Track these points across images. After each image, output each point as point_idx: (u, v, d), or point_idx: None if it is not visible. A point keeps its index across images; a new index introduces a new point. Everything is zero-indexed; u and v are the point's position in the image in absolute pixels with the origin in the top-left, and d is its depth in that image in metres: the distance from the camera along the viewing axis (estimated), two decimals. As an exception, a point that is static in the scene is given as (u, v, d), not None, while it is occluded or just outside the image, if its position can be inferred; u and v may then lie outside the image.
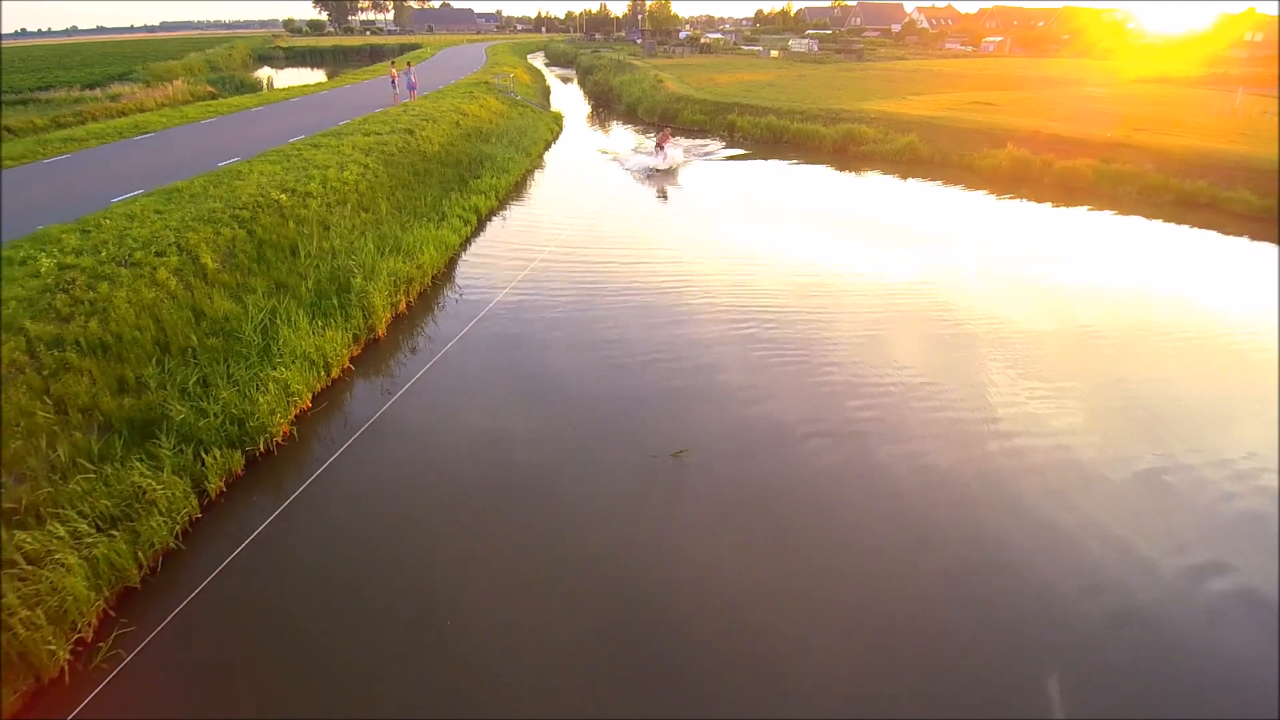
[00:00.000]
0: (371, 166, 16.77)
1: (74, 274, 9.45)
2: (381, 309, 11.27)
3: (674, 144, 26.46)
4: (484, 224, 17.77)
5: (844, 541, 7.12)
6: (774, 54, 67.06)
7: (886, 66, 56.98)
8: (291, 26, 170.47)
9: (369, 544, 7.09)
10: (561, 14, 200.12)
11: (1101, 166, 22.11)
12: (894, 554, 6.92)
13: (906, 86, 40.26)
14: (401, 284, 12.22)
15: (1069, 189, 21.65)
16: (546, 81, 54.63)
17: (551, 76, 62.22)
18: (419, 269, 12.93)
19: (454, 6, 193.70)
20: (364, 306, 10.95)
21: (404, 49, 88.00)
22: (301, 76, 61.90)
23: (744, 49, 79.41)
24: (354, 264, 11.80)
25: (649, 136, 29.56)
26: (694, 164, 25.60)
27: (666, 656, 5.83)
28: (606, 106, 42.91)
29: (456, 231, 15.65)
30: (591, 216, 18.83)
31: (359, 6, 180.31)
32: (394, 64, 35.72)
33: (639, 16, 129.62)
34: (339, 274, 11.51)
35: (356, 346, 10.68)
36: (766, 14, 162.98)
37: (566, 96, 48.83)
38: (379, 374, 10.42)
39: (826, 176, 24.45)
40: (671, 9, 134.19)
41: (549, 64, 78.72)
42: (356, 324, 10.69)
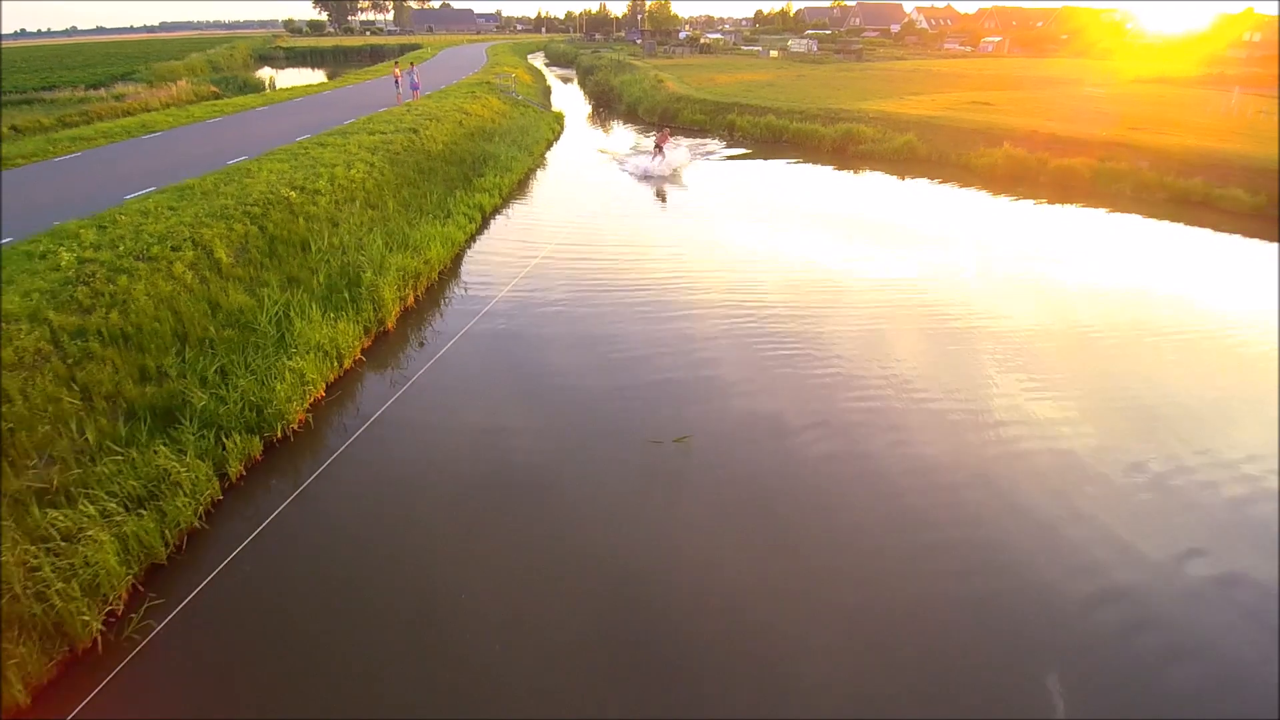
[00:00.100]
0: (378, 165, 17.04)
1: (94, 267, 9.73)
2: (391, 302, 11.56)
3: (674, 144, 26.59)
4: (488, 221, 18.05)
5: (844, 541, 7.15)
6: (773, 54, 67.40)
7: (885, 67, 57.27)
8: (292, 27, 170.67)
9: (369, 543, 7.09)
10: (561, 14, 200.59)
11: (1097, 165, 22.40)
12: (894, 554, 6.94)
13: (905, 86, 40.54)
14: (409, 279, 12.51)
15: (1065, 187, 21.93)
16: (547, 81, 54.94)
17: (552, 77, 62.51)
18: (426, 264, 13.22)
19: (454, 7, 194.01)
20: (374, 300, 11.23)
21: (404, 49, 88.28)
22: (302, 77, 62.10)
23: (743, 49, 79.77)
24: (363, 259, 12.09)
25: (648, 136, 29.68)
26: (694, 164, 25.80)
27: (666, 656, 5.84)
28: (607, 106, 43.17)
29: (462, 229, 15.93)
30: (593, 215, 19.10)
31: (359, 7, 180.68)
32: (397, 64, 35.96)
33: (639, 17, 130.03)
34: (349, 269, 11.80)
35: (367, 339, 10.97)
36: (766, 14, 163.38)
37: (567, 96, 49.10)
38: (388, 366, 10.69)
39: (825, 175, 24.73)
40: (671, 9, 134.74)
41: (549, 64, 79.03)
42: (367, 317, 10.98)
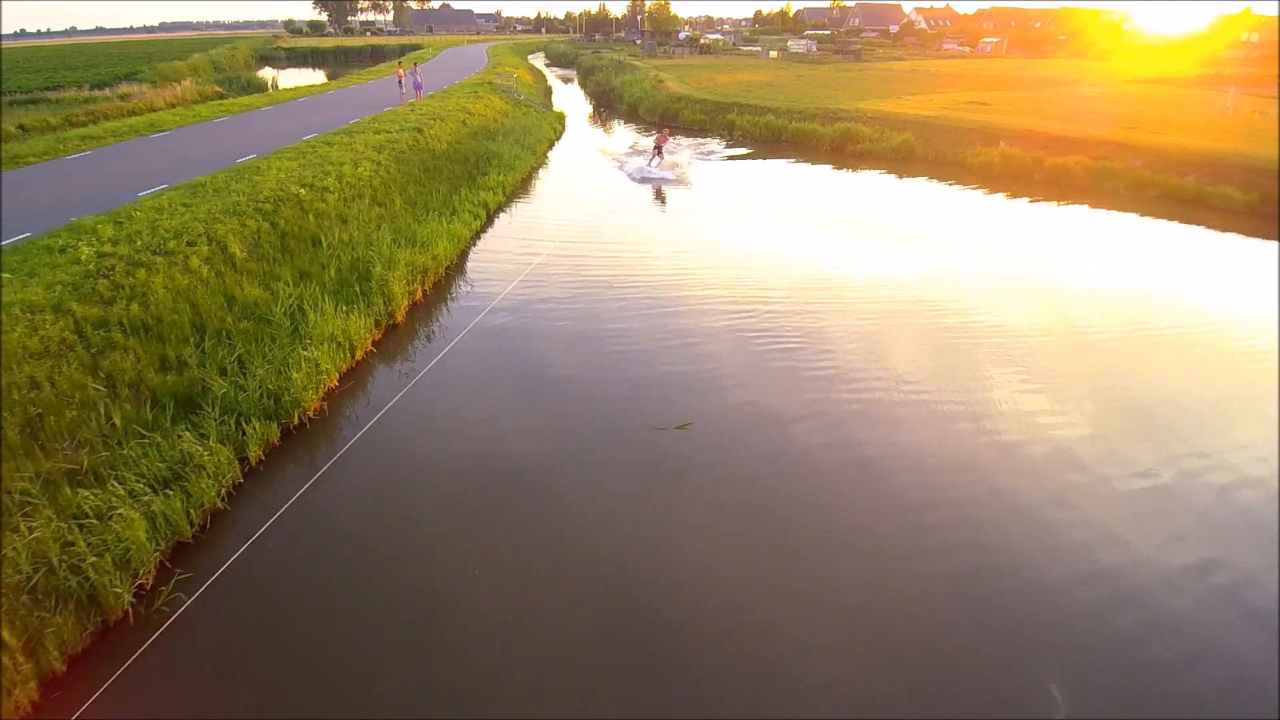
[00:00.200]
0: (384, 163, 17.33)
1: (113, 261, 10.03)
2: (400, 296, 11.85)
3: (674, 144, 26.82)
4: (492, 218, 18.34)
5: (844, 541, 7.16)
6: (773, 54, 67.74)
7: (884, 67, 57.61)
8: (292, 27, 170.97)
9: (369, 542, 7.11)
10: (561, 15, 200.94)
11: (1091, 163, 22.72)
12: (893, 554, 6.96)
13: (903, 87, 40.86)
14: (418, 274, 12.79)
15: (1060, 185, 22.24)
16: (548, 82, 55.24)
17: (553, 77, 62.82)
18: (434, 260, 13.51)
19: (454, 7, 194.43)
20: (384, 294, 11.52)
21: (404, 50, 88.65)
22: (304, 77, 62.41)
23: (743, 49, 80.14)
24: (373, 254, 12.38)
25: (648, 135, 29.90)
26: (694, 164, 26.01)
27: (666, 656, 5.85)
28: (608, 106, 43.48)
29: (467, 225, 16.22)
30: (595, 213, 19.38)
31: (359, 7, 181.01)
32: (400, 64, 36.28)
33: (638, 17, 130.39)
34: (359, 264, 12.09)
35: (378, 331, 11.26)
36: (765, 15, 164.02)
37: (568, 96, 49.41)
38: (397, 359, 10.97)
39: (824, 174, 25.04)
40: (671, 10, 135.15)
41: (549, 64, 79.35)
42: (378, 310, 11.27)
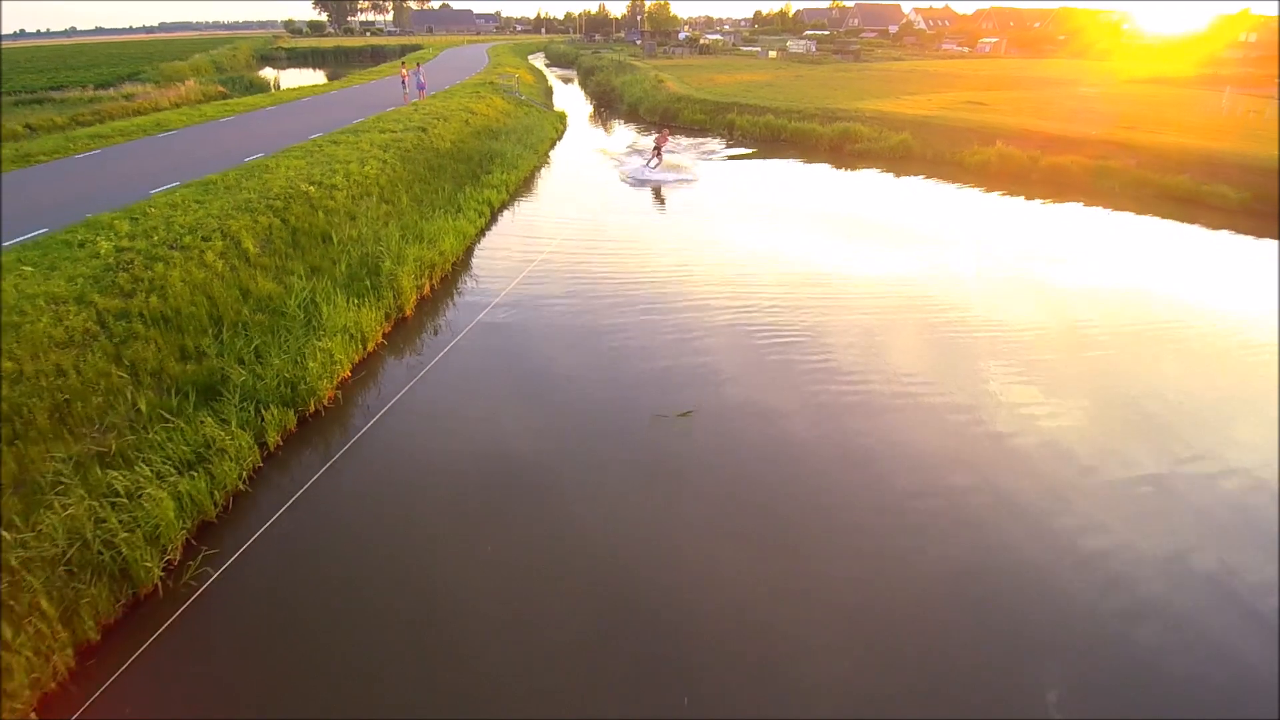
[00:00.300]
0: (390, 162, 17.63)
1: (131, 255, 10.34)
2: (409, 291, 12.16)
3: (674, 144, 27.04)
4: (496, 216, 18.63)
5: (844, 541, 7.17)
6: (772, 55, 68.05)
7: (883, 67, 57.94)
8: (292, 28, 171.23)
9: (370, 542, 7.15)
10: (560, 15, 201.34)
11: (1087, 162, 23.02)
12: (893, 554, 6.99)
13: (902, 87, 41.17)
14: (425, 269, 13.09)
15: (1055, 184, 22.52)
16: (549, 82, 55.56)
17: (553, 77, 63.11)
18: (441, 255, 13.81)
19: (453, 7, 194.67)
20: (394, 288, 11.82)
21: (405, 50, 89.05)
22: (305, 77, 62.68)
23: (743, 50, 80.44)
24: (382, 250, 12.67)
25: (648, 135, 30.15)
26: (695, 165, 26.19)
27: (666, 656, 5.86)
28: (609, 106, 43.77)
29: (472, 222, 16.53)
30: (596, 211, 19.67)
31: (358, 7, 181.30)
32: (404, 64, 36.58)
33: (638, 17, 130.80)
34: (368, 259, 12.39)
35: (388, 324, 11.56)
36: (765, 15, 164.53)
37: (569, 97, 49.71)
38: (406, 352, 11.24)
39: (822, 173, 25.35)
40: (670, 10, 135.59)
41: (549, 65, 79.64)
42: (388, 303, 11.57)
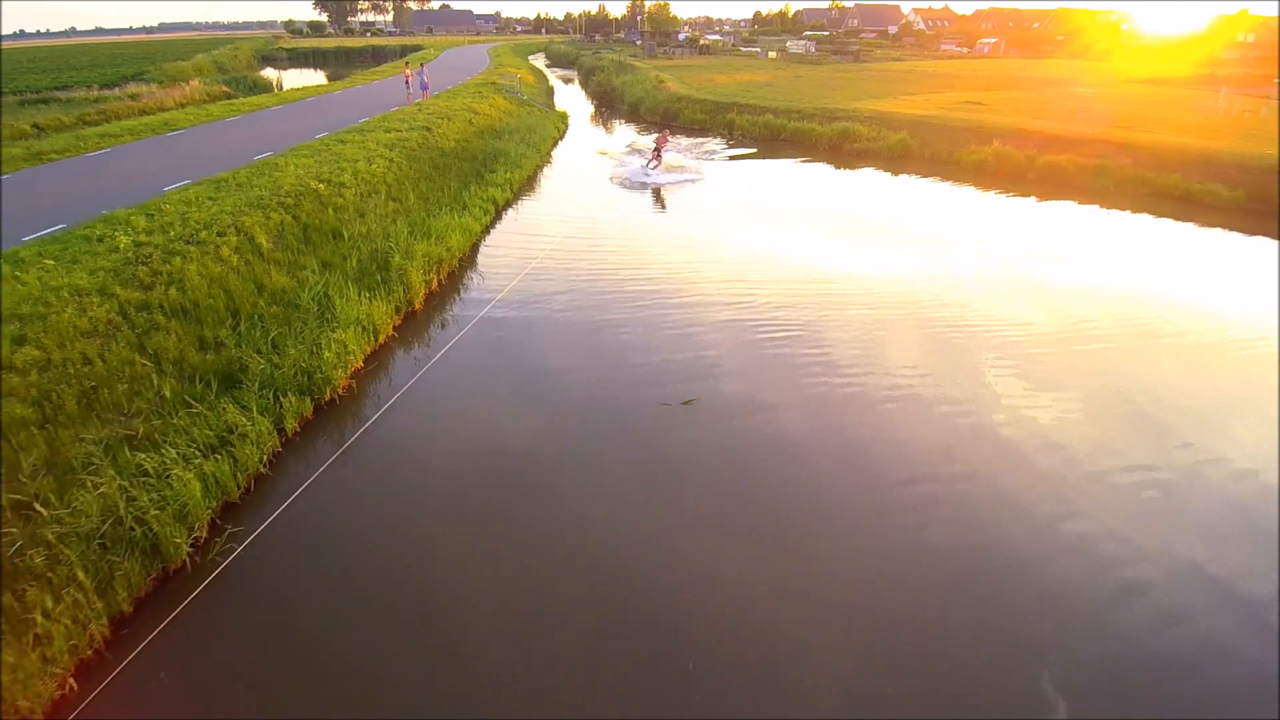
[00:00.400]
0: (396, 160, 17.94)
1: (149, 249, 10.66)
2: (418, 285, 12.47)
3: (674, 144, 27.25)
4: (500, 214, 18.94)
5: (844, 541, 7.18)
6: (772, 55, 68.40)
7: (882, 67, 58.26)
8: (292, 28, 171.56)
9: (370, 542, 7.19)
10: (560, 15, 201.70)
11: (1083, 161, 23.32)
12: (893, 554, 7.01)
13: (900, 87, 41.50)
14: (433, 264, 13.40)
15: (1051, 183, 22.82)
16: (550, 82, 55.90)
17: (554, 77, 63.42)
18: (448, 251, 14.13)
19: (453, 8, 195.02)
20: (403, 282, 12.14)
21: (405, 50, 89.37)
22: (306, 78, 63.01)
23: (742, 50, 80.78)
24: (391, 245, 12.99)
25: (647, 134, 30.40)
26: (698, 165, 26.40)
27: (666, 656, 5.87)
28: (609, 106, 44.10)
29: (478, 220, 16.85)
30: (598, 210, 19.99)
31: (358, 8, 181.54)
32: (408, 64, 36.92)
33: (638, 18, 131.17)
34: (378, 255, 12.70)
35: (398, 317, 11.88)
36: (764, 15, 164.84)
37: (570, 97, 50.03)
38: (415, 344, 11.55)
39: (821, 172, 25.69)
40: (670, 10, 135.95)
41: (550, 65, 79.96)
42: (397, 297, 11.89)
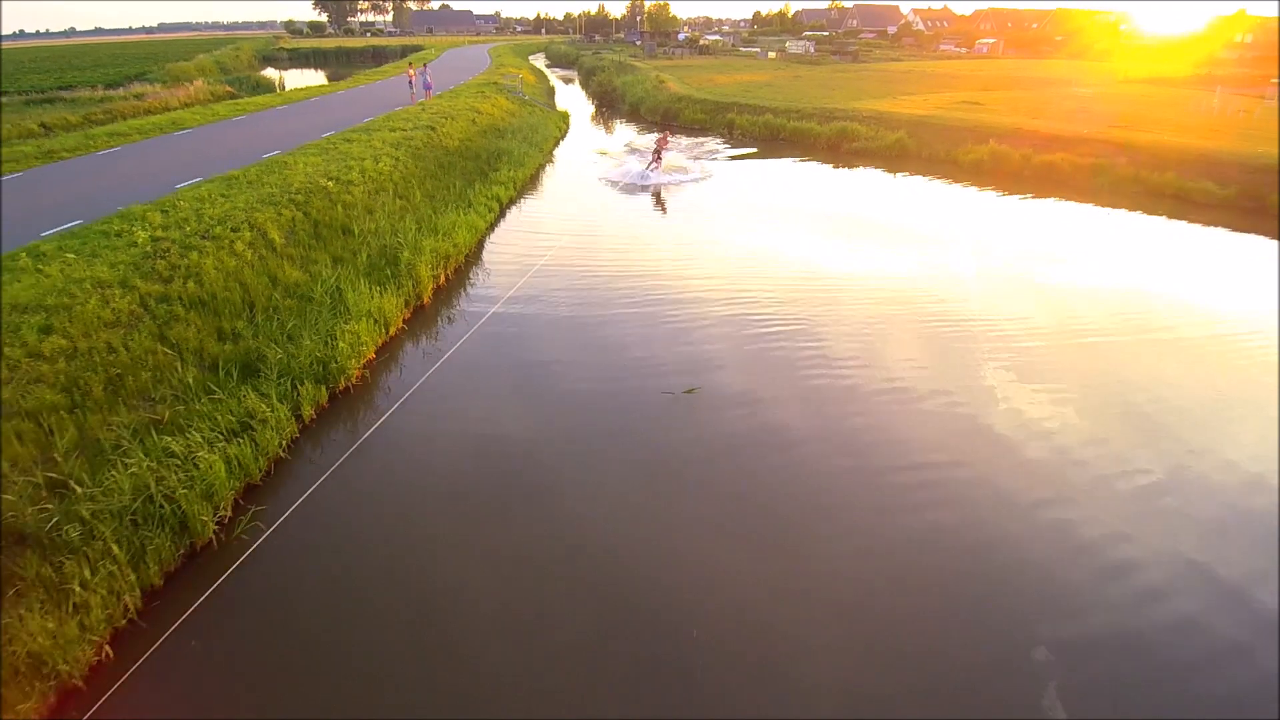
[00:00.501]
0: (402, 159, 18.25)
1: (166, 244, 10.97)
2: (426, 280, 12.78)
3: (674, 145, 27.46)
4: (505, 212, 19.25)
5: (844, 542, 7.20)
6: (771, 55, 68.74)
7: (881, 68, 58.60)
8: (293, 28, 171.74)
9: (370, 541, 7.26)
10: (560, 15, 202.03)
11: (1078, 160, 23.64)
12: (893, 553, 7.03)
13: (899, 87, 41.83)
14: (441, 259, 13.72)
15: (1047, 181, 23.14)
16: (550, 82, 56.23)
17: (554, 78, 63.73)
18: (455, 247, 14.45)
19: (453, 8, 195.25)
20: (413, 277, 12.45)
21: (406, 50, 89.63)
22: (308, 78, 63.30)
23: (742, 50, 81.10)
24: (399, 241, 13.30)
25: (647, 134, 30.66)
26: (699, 165, 26.63)
27: (666, 656, 5.89)
28: (610, 106, 44.42)
29: (483, 217, 17.17)
30: (599, 209, 20.29)
31: (358, 8, 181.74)
32: (411, 64, 37.24)
33: (638, 18, 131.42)
34: (387, 250, 13.02)
35: (407, 310, 12.19)
36: (764, 16, 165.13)
37: (570, 97, 50.36)
38: (423, 338, 11.83)
39: (820, 171, 26.00)
40: (670, 10, 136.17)
41: (550, 65, 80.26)
42: (407, 291, 12.20)
